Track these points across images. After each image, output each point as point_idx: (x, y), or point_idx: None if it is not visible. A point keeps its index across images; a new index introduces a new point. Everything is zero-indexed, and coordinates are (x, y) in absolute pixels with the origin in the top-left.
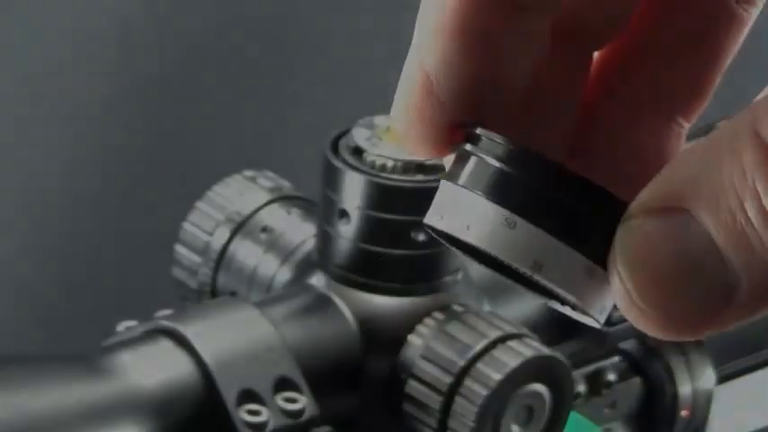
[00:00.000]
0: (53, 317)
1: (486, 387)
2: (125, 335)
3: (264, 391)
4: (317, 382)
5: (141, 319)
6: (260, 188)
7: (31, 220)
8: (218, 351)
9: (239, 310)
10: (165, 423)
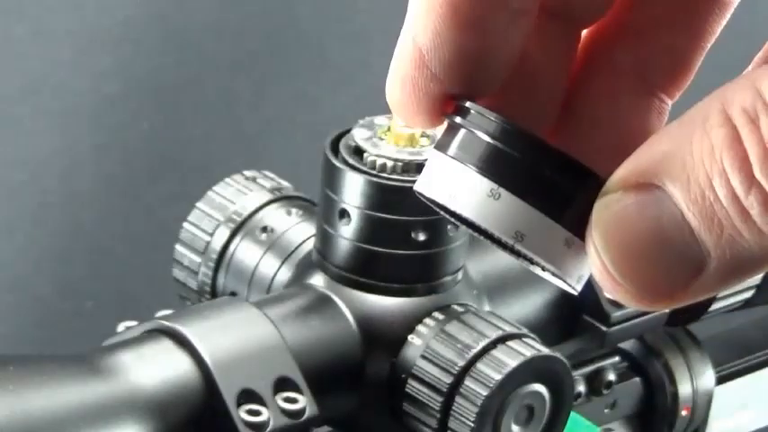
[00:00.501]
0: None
1: (486, 387)
2: (125, 335)
3: (264, 391)
4: (317, 382)
5: (141, 319)
6: (260, 188)
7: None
8: (218, 351)
9: (239, 310)
10: (165, 423)
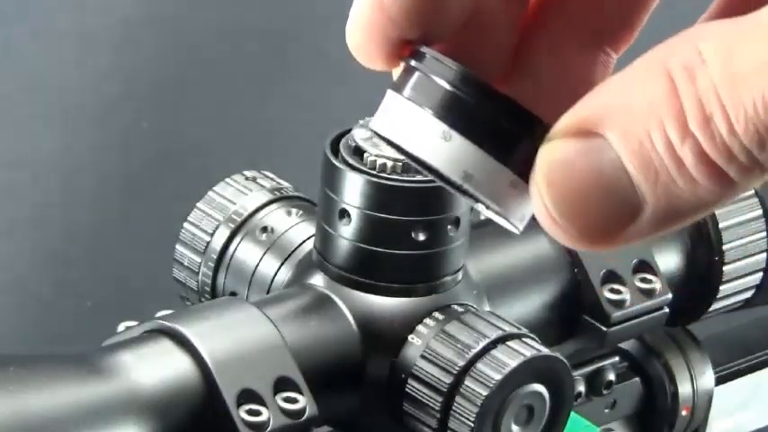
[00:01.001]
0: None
1: (486, 387)
2: (125, 335)
3: (264, 391)
4: (317, 382)
5: (141, 319)
6: (260, 188)
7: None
8: (218, 351)
9: (239, 310)
10: (165, 423)
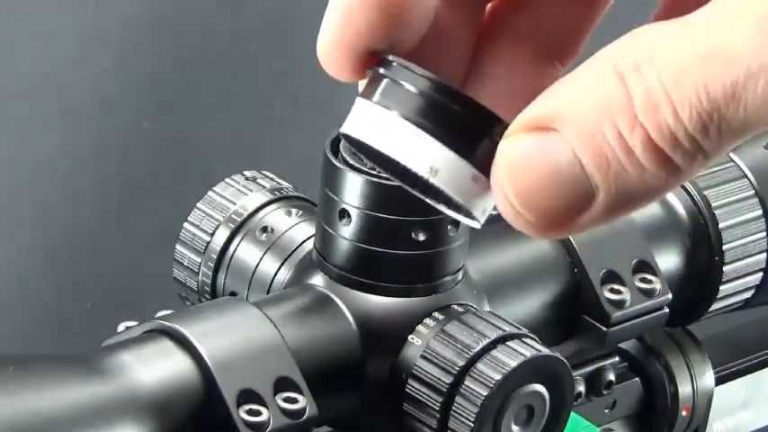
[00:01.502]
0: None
1: (487, 387)
2: (125, 335)
3: (264, 391)
4: (316, 382)
5: (141, 319)
6: (260, 188)
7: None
8: (218, 351)
9: (239, 310)
10: (165, 423)
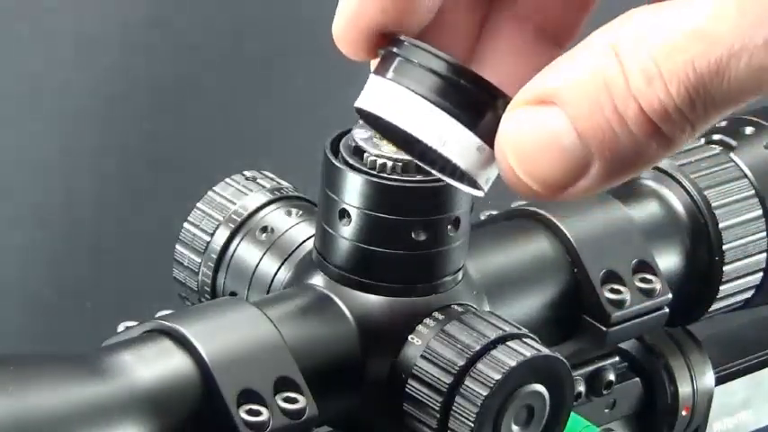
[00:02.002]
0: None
1: (487, 387)
2: (125, 335)
3: (264, 391)
4: (317, 382)
5: (141, 319)
6: (260, 188)
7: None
8: (218, 351)
9: (239, 310)
10: (165, 423)
